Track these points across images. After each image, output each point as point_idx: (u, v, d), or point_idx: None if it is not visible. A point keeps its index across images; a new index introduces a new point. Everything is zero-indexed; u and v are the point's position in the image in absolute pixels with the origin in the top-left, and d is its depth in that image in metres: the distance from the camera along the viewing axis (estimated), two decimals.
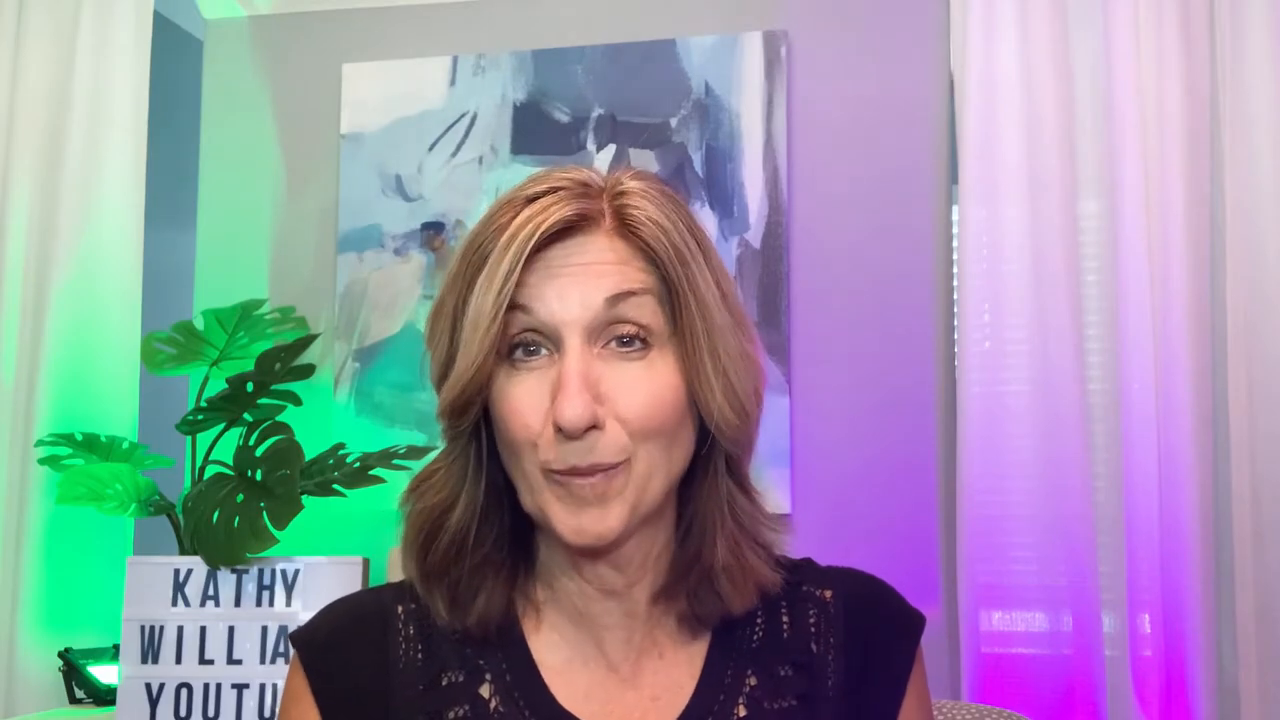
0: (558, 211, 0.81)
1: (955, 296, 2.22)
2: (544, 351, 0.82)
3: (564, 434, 0.79)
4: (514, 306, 0.81)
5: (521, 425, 0.81)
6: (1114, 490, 2.07)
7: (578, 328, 0.80)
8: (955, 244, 2.21)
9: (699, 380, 0.82)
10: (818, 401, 2.26)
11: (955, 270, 2.21)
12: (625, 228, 0.83)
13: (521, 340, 0.82)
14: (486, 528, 0.86)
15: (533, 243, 0.80)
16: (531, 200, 0.82)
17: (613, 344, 0.81)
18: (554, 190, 0.82)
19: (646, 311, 0.82)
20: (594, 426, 0.79)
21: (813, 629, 0.90)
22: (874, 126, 2.31)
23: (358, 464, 1.98)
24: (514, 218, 0.81)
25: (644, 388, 0.81)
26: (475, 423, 0.84)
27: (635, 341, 0.82)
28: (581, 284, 0.81)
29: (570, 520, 0.81)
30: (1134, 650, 2.04)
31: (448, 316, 0.83)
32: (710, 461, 0.86)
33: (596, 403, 0.79)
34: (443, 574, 0.86)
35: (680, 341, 0.83)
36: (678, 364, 0.83)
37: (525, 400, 0.81)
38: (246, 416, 2.02)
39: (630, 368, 0.81)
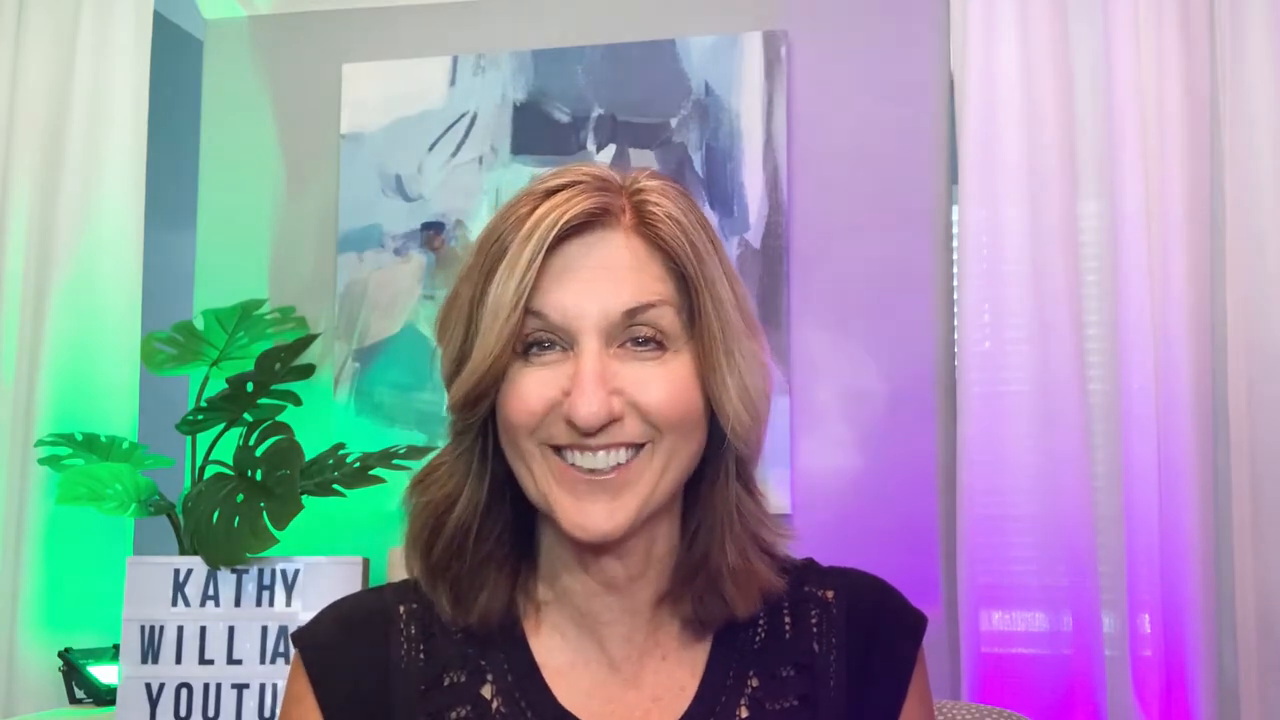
0: (579, 204, 0.81)
1: (955, 296, 2.22)
2: (558, 348, 0.82)
3: (579, 430, 0.79)
4: (531, 310, 0.81)
5: (526, 410, 0.81)
6: (1114, 490, 2.07)
7: (595, 331, 0.80)
8: (955, 244, 2.21)
9: (714, 380, 0.83)
10: (818, 401, 2.26)
11: (955, 270, 2.21)
12: (644, 225, 0.83)
13: (536, 339, 0.82)
14: (489, 523, 0.86)
15: (554, 234, 0.80)
16: (551, 193, 0.82)
17: (629, 344, 0.82)
18: (574, 184, 0.83)
19: (664, 320, 0.82)
20: (612, 420, 0.80)
21: (814, 630, 0.90)
22: (874, 126, 2.31)
23: (358, 464, 1.98)
24: (534, 209, 0.81)
25: (661, 384, 0.81)
26: (483, 417, 0.84)
27: (650, 343, 0.82)
28: (600, 291, 0.81)
29: (576, 516, 0.81)
30: (1134, 650, 2.04)
31: (463, 309, 0.83)
32: (720, 464, 0.86)
33: (614, 395, 0.80)
34: (446, 569, 0.87)
35: (696, 342, 0.83)
36: (693, 364, 0.83)
37: (533, 388, 0.81)
38: (246, 416, 2.02)
39: (646, 366, 0.82)
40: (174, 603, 1.88)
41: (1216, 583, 2.03)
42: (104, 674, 2.09)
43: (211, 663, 1.86)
